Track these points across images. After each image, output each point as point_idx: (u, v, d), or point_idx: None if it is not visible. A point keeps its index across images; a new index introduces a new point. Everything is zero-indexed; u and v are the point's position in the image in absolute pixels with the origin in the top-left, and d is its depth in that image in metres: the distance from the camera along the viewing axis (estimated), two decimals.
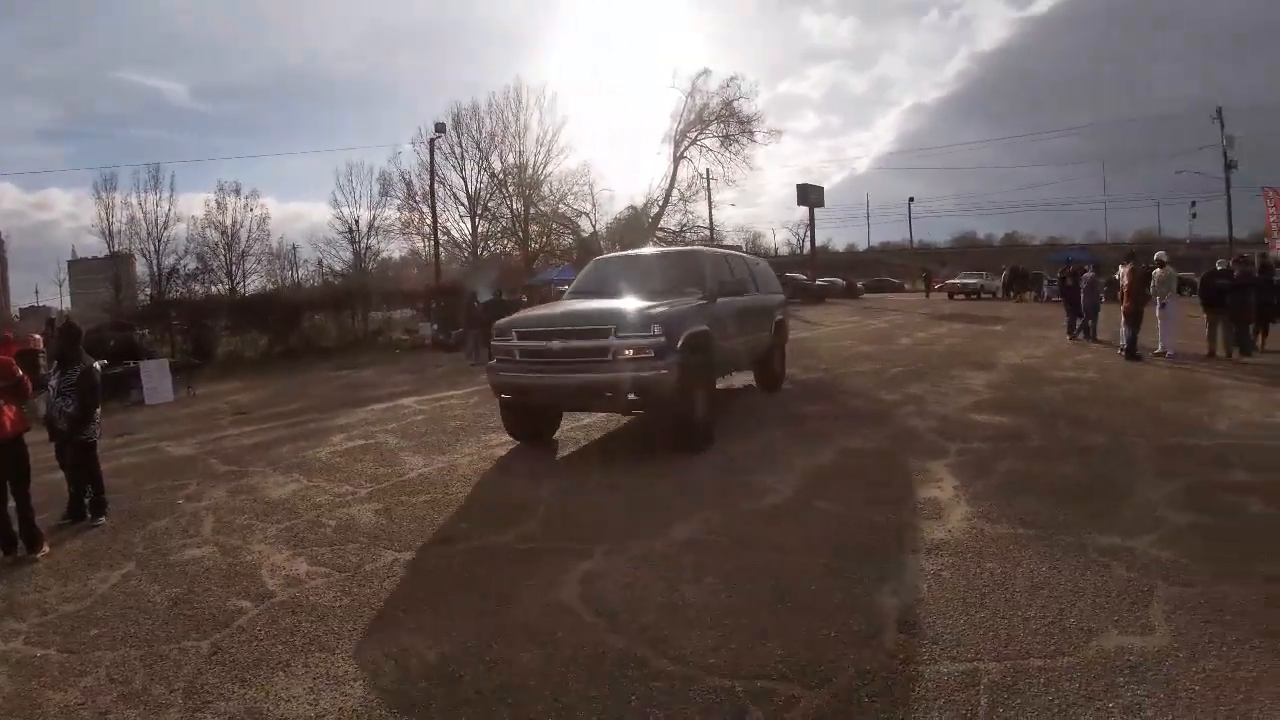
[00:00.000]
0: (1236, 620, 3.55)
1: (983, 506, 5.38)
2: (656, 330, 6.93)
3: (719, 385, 9.14)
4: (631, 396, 6.91)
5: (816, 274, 47.11)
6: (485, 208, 41.70)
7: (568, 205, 42.98)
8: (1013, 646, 3.39)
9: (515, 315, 8.28)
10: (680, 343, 7.11)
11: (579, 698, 3.16)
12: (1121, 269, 14.68)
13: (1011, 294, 40.70)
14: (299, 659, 3.63)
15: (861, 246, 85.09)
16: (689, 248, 10.51)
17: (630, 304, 7.59)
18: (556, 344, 7.22)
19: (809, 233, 54.46)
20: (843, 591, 4.06)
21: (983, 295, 41.60)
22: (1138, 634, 3.47)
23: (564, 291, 11.31)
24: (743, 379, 11.38)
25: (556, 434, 8.59)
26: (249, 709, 3.21)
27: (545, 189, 42.33)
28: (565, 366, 7.16)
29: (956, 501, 5.55)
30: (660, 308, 7.32)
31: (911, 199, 78.76)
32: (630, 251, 12.62)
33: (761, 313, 10.61)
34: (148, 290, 35.08)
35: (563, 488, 6.51)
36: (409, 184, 40.32)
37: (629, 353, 6.89)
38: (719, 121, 44.07)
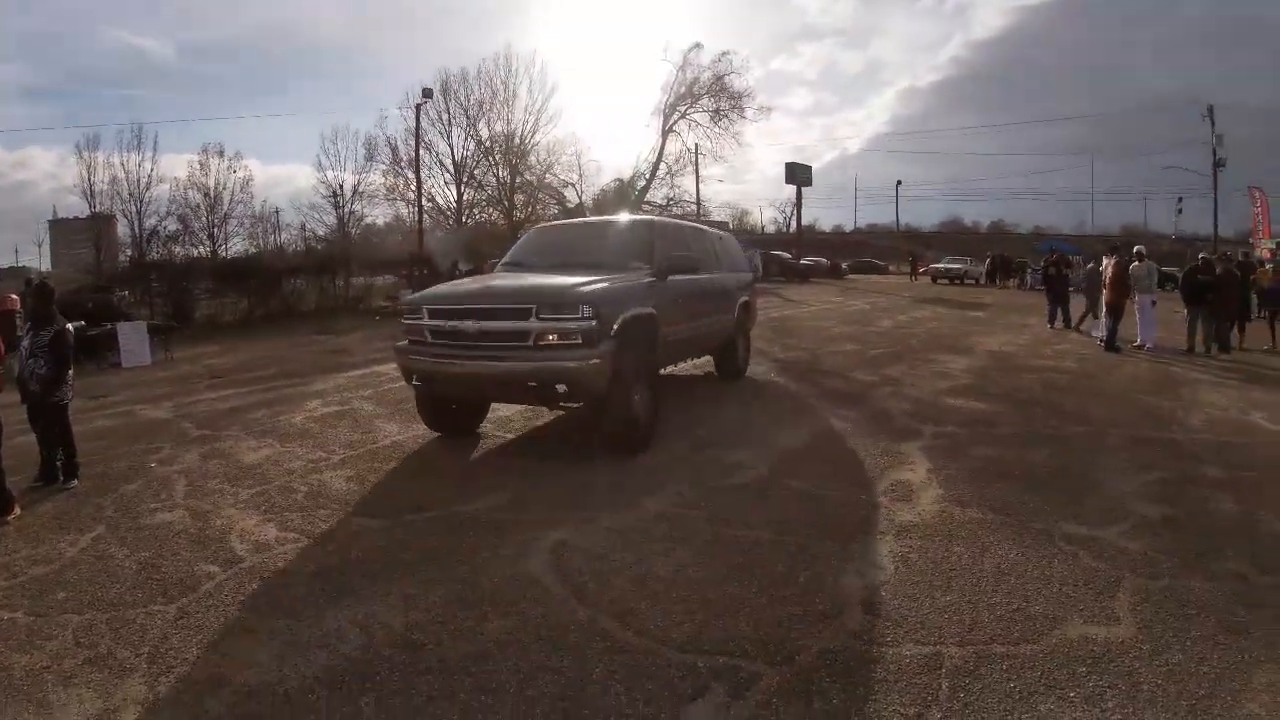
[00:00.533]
0: (1201, 615, 3.58)
1: (954, 490, 5.41)
2: (586, 312, 5.91)
3: (667, 371, 8.57)
4: (561, 388, 5.93)
5: (802, 253, 47.21)
6: (471, 175, 41.24)
7: (554, 175, 42.67)
8: (976, 631, 3.42)
9: (429, 289, 7.39)
10: (616, 327, 6.13)
11: (541, 667, 3.16)
12: (1105, 260, 14.78)
13: (995, 281, 40.95)
14: (264, 624, 3.62)
15: (849, 227, 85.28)
16: (639, 217, 9.60)
17: (559, 280, 6.44)
18: (471, 325, 6.18)
19: (796, 211, 54.35)
20: (810, 571, 4.08)
21: (966, 281, 41.91)
22: (1103, 624, 3.50)
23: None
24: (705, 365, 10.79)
25: (481, 426, 7.64)
26: (213, 673, 3.20)
27: (532, 158, 41.92)
28: (480, 352, 6.12)
29: (928, 485, 5.58)
30: (594, 285, 6.22)
31: (899, 182, 78.89)
32: (575, 220, 11.98)
33: (723, 294, 9.54)
34: (129, 252, 34.54)
35: (538, 456, 6.54)
36: (394, 149, 39.67)
37: (553, 338, 5.92)
38: (709, 96, 43.78)
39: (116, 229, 37.74)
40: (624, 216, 11.13)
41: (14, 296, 11.75)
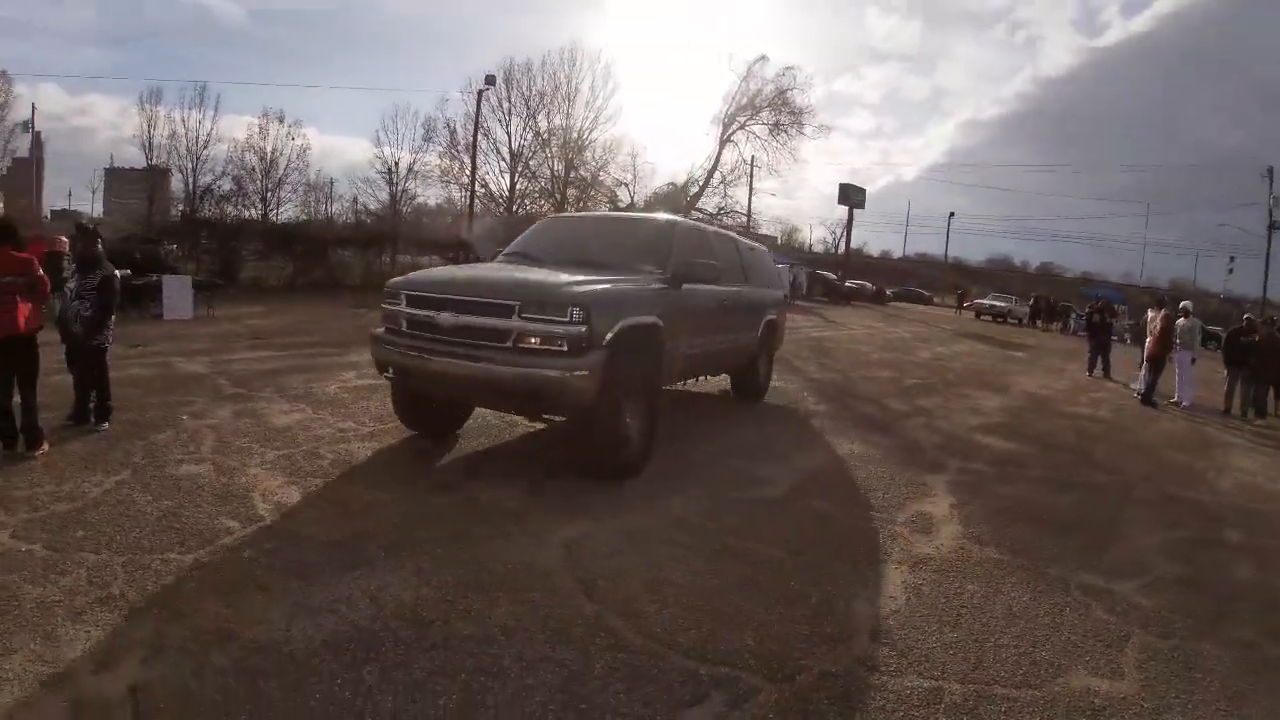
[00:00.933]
0: (1207, 679, 3.54)
1: (974, 528, 5.37)
2: (575, 315, 5.19)
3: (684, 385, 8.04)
4: (542, 402, 5.32)
5: (847, 275, 47.00)
6: (526, 165, 41.55)
7: (608, 173, 42.91)
8: (980, 671, 3.40)
9: (412, 274, 6.55)
10: (610, 335, 5.41)
11: (544, 657, 3.19)
12: (1151, 313, 14.55)
13: (1038, 323, 40.50)
14: (278, 584, 3.68)
15: (897, 254, 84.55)
16: (660, 215, 8.71)
17: (550, 276, 5.78)
18: (447, 317, 5.50)
19: (846, 233, 54.06)
20: (821, 592, 4.07)
21: (1010, 320, 41.46)
22: (1106, 677, 3.47)
23: None
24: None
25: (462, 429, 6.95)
26: (221, 625, 3.26)
27: (588, 154, 42.22)
28: (455, 348, 5.41)
29: (949, 519, 5.54)
30: (588, 286, 5.56)
31: (952, 214, 78.19)
32: (591, 213, 11.62)
33: (747, 309, 8.71)
34: (181, 206, 35.18)
35: (560, 448, 6.55)
36: (453, 132, 40.10)
37: (535, 341, 5.22)
38: (770, 109, 43.77)
39: (171, 183, 38.56)
40: (644, 214, 10.65)
41: (64, 239, 11.99)
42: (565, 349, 5.19)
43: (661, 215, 8.73)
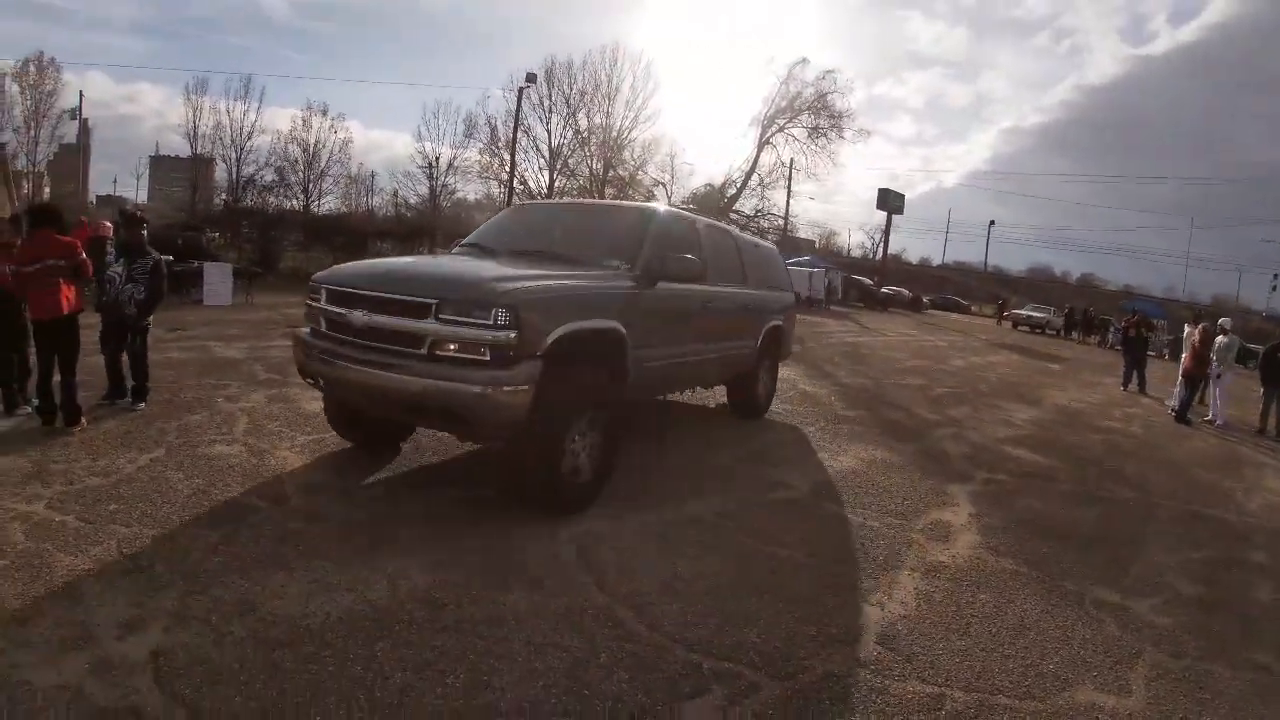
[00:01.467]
0: (1215, 701, 3.52)
1: (992, 539, 5.35)
2: (501, 317, 4.22)
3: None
4: (459, 422, 4.44)
5: (884, 281, 46.64)
6: (565, 163, 41.88)
7: (646, 173, 43.06)
8: (985, 680, 3.41)
9: (336, 266, 5.59)
10: (549, 342, 4.46)
11: (551, 643, 3.27)
12: (1189, 329, 14.33)
13: (1074, 335, 39.93)
14: (300, 562, 3.79)
15: (936, 261, 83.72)
16: (636, 204, 7.67)
17: (483, 269, 5.04)
18: (360, 316, 4.61)
19: (884, 238, 53.71)
20: (832, 595, 4.09)
21: (1047, 331, 40.89)
22: (1113, 693, 3.46)
23: None
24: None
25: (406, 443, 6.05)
26: (243, 598, 3.38)
27: (627, 153, 42.47)
28: (369, 355, 4.54)
29: (967, 528, 5.53)
30: (526, 282, 4.62)
31: (992, 222, 77.52)
32: (561, 201, 9.62)
33: (743, 314, 7.70)
34: (223, 195, 35.92)
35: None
36: (493, 129, 40.51)
37: (453, 348, 4.30)
38: (810, 112, 43.71)
39: (214, 172, 39.38)
40: (621, 202, 9.29)
41: (108, 224, 12.32)
42: (487, 358, 4.27)
43: (640, 204, 8.39)
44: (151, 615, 3.19)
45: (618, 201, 8.75)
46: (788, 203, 46.00)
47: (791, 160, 44.44)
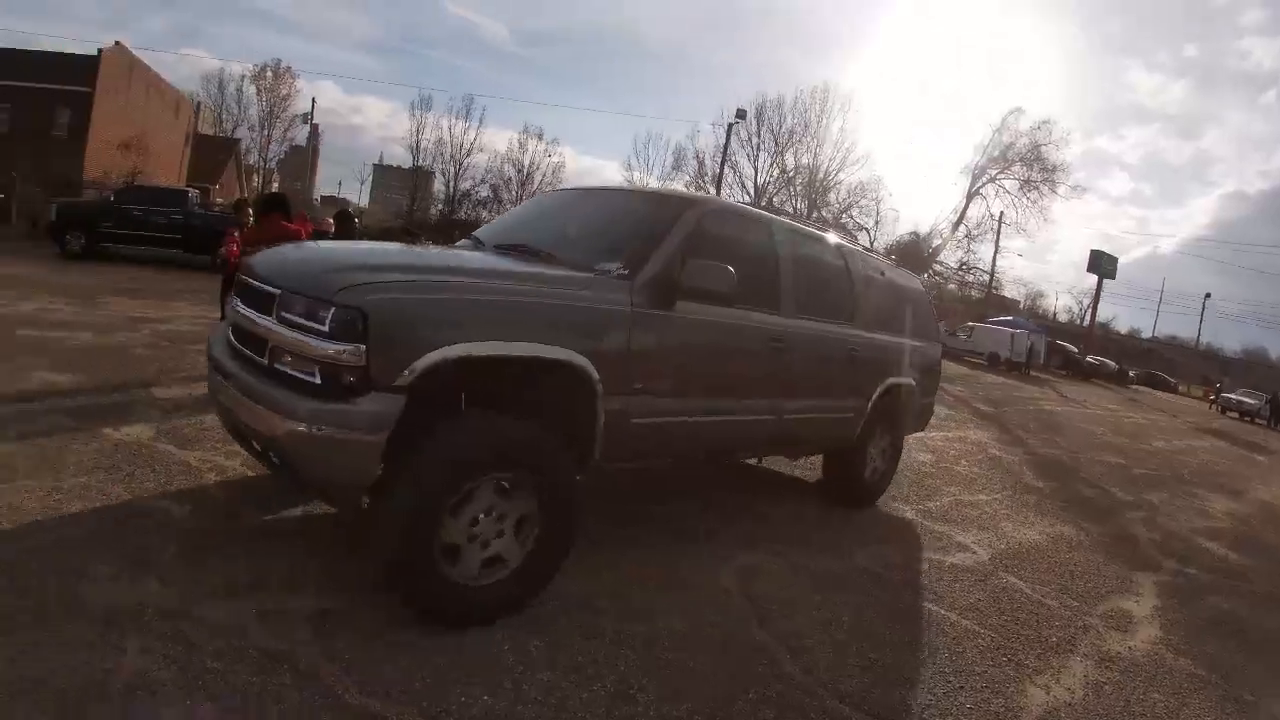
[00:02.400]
0: None
1: (1174, 635, 4.93)
2: (339, 322, 2.86)
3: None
4: (292, 468, 3.06)
5: (1089, 350, 43.82)
6: (770, 201, 42.01)
7: (850, 217, 42.44)
8: None
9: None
10: (423, 368, 2.93)
11: (699, 669, 3.27)
12: None
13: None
14: None
15: (1146, 333, 77.53)
16: (685, 191, 5.88)
17: (343, 252, 3.84)
18: (239, 310, 3.54)
19: (1093, 303, 50.39)
20: (997, 669, 3.90)
21: (1257, 420, 37.32)
22: None
23: None
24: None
25: None
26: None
27: (833, 196, 42.08)
28: (230, 360, 3.46)
29: (1149, 621, 5.12)
30: (408, 273, 3.22)
31: (1208, 295, 71.16)
32: (590, 186, 8.19)
33: (847, 364, 5.62)
34: (440, 206, 38.45)
35: (737, 475, 6.59)
36: (701, 162, 41.41)
37: (288, 359, 3.03)
38: (1022, 164, 42.06)
39: (433, 184, 42.30)
40: (661, 189, 7.39)
41: (329, 220, 13.49)
42: (315, 379, 2.92)
43: (686, 191, 6.68)
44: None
45: (663, 188, 6.26)
46: (994, 257, 44.16)
47: (1001, 213, 42.66)
